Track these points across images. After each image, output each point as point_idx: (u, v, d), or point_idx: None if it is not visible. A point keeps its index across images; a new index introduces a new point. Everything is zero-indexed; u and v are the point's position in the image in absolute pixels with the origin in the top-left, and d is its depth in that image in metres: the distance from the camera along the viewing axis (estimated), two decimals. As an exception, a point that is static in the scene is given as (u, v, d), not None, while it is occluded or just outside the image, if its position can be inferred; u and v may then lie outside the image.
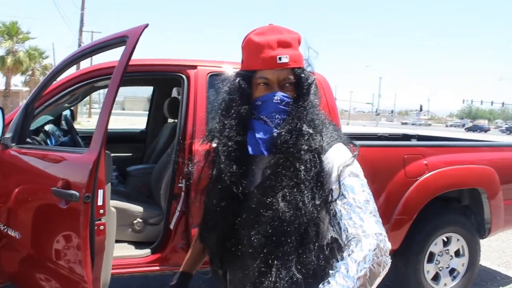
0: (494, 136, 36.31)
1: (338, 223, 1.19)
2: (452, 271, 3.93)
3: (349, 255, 1.11)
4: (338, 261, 1.13)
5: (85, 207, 1.98)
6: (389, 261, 1.15)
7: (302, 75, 1.31)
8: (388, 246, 1.15)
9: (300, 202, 1.20)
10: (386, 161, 3.59)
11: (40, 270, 2.57)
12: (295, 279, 1.18)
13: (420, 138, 5.81)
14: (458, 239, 3.90)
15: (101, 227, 2.07)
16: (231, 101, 1.31)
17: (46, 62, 30.70)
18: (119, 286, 3.81)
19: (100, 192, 2.04)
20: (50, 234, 2.38)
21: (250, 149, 1.27)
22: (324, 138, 1.29)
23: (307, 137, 1.25)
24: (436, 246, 3.81)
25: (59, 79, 2.97)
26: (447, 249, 3.87)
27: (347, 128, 38.11)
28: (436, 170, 3.64)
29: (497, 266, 4.98)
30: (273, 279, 1.18)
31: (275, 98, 1.28)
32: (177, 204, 2.97)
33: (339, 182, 1.21)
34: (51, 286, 2.52)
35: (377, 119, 76.72)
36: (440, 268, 3.86)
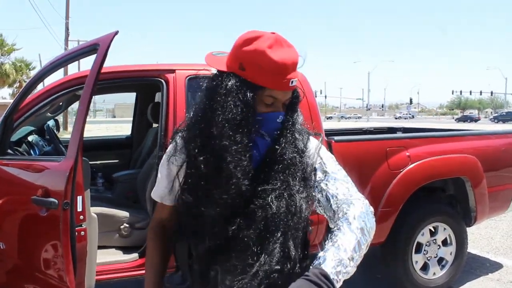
0: (484, 125, 36.57)
1: (327, 197, 1.29)
2: (440, 260, 3.97)
3: (345, 213, 1.20)
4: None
5: (64, 214, 2.00)
6: (375, 224, 1.24)
7: (297, 94, 1.38)
8: (372, 209, 1.26)
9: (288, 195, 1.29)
10: (369, 155, 3.62)
11: (27, 280, 2.58)
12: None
13: (405, 130, 5.87)
14: (444, 229, 3.94)
15: (82, 233, 2.08)
16: (242, 113, 1.26)
17: (33, 73, 30.49)
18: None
19: (79, 198, 2.06)
20: (34, 243, 2.39)
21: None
22: (306, 136, 1.41)
23: (298, 144, 1.35)
24: (423, 237, 3.85)
25: (38, 89, 2.98)
26: (435, 239, 3.91)
27: (338, 124, 38.30)
28: (419, 161, 3.68)
29: (486, 253, 5.03)
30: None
31: (279, 118, 1.33)
32: (162, 207, 2.98)
33: (321, 163, 1.36)
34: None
35: (368, 114, 76.95)
36: (429, 258, 3.90)
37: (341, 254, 1.09)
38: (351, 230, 1.15)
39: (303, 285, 1.02)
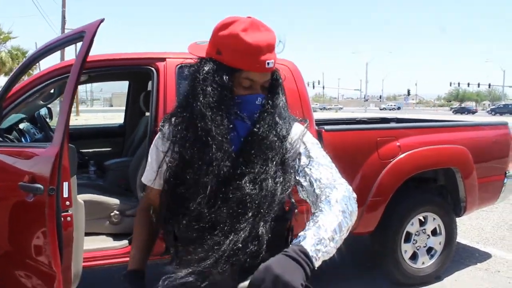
0: (481, 118, 36.60)
1: (310, 182, 1.30)
2: (429, 249, 4.00)
3: (327, 196, 1.22)
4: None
5: (49, 199, 2.01)
6: (357, 208, 1.26)
7: (278, 77, 1.40)
8: (355, 195, 1.28)
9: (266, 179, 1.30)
10: (359, 144, 3.64)
11: (18, 267, 2.59)
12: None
13: (399, 121, 5.88)
14: (434, 218, 3.97)
15: (68, 218, 2.10)
16: (220, 96, 1.30)
17: (30, 62, 30.30)
18: (101, 278, 3.84)
19: (65, 184, 2.07)
20: (22, 230, 2.40)
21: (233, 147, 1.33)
22: (288, 122, 1.41)
23: (279, 129, 1.36)
24: (412, 226, 3.87)
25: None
26: (424, 229, 3.94)
27: (335, 115, 38.31)
28: (409, 152, 3.70)
29: (476, 244, 5.07)
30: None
31: (258, 100, 1.35)
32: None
33: (306, 148, 1.36)
34: (32, 283, 2.54)
35: (366, 105, 76.96)
36: (418, 248, 3.92)
37: (321, 233, 1.11)
38: (333, 212, 1.17)
39: (281, 260, 1.03)
